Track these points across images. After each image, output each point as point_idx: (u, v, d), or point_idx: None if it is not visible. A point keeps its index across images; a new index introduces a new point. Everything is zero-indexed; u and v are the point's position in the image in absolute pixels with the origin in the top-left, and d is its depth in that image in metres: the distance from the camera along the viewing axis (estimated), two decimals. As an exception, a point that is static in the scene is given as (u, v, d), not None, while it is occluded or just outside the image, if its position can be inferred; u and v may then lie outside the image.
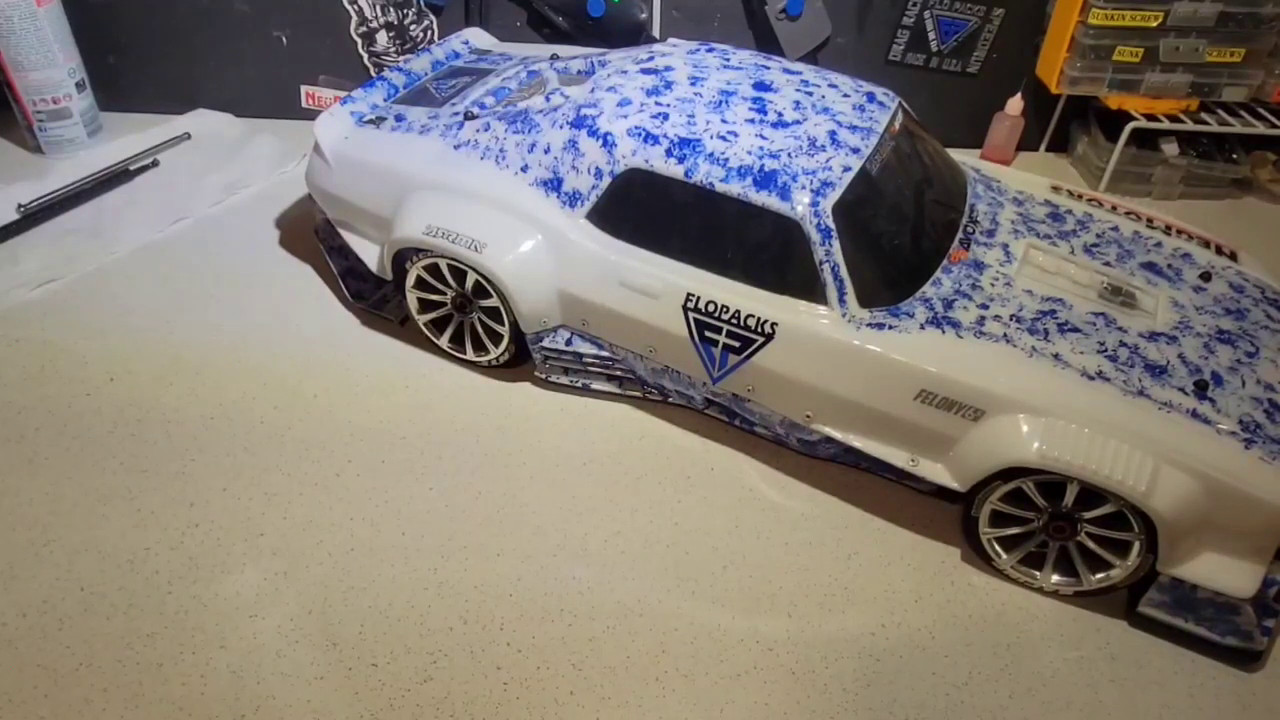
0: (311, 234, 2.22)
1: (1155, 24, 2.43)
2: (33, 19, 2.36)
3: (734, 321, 1.65)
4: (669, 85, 1.81)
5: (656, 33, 2.64)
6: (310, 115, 2.36)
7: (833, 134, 1.70)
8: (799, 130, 1.70)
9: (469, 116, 1.93)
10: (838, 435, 1.67)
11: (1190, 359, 1.59)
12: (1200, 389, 1.53)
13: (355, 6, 2.61)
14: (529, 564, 1.60)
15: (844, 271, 1.59)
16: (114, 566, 1.55)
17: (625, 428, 1.88)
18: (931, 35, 2.66)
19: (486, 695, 1.40)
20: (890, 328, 1.59)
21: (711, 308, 1.66)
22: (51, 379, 1.88)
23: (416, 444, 1.80)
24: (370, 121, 2.02)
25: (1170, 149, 2.65)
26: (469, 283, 1.85)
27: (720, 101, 1.76)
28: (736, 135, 1.67)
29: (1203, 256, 1.84)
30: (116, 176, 2.43)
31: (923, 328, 1.59)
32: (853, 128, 1.73)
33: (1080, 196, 1.98)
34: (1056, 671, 1.49)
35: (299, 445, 1.78)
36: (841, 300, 1.60)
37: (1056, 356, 1.55)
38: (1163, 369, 1.56)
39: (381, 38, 2.68)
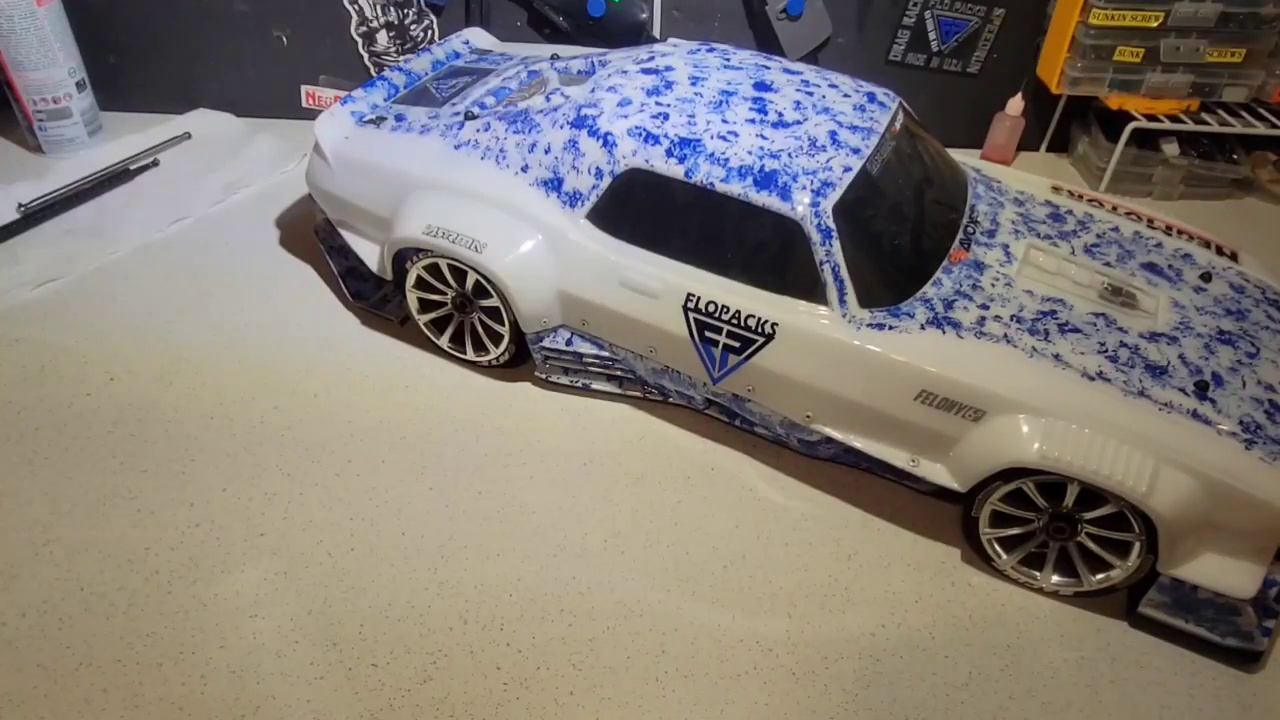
0: (311, 234, 2.22)
1: (1156, 24, 2.43)
2: (33, 19, 2.36)
3: (734, 322, 1.65)
4: (669, 85, 1.81)
5: (657, 33, 2.63)
6: (310, 115, 2.36)
7: (833, 134, 1.70)
8: (799, 130, 1.70)
9: (469, 116, 1.93)
10: (838, 435, 1.67)
11: (1191, 359, 1.59)
12: (1201, 389, 1.53)
13: (355, 6, 2.61)
14: (529, 564, 1.60)
15: (844, 272, 1.59)
16: (114, 566, 1.55)
17: (625, 428, 1.88)
18: (932, 35, 2.66)
19: (486, 695, 1.40)
20: (890, 328, 1.59)
21: (712, 308, 1.66)
22: (51, 379, 1.88)
23: (416, 444, 1.80)
24: (370, 121, 2.02)
25: (1171, 149, 2.65)
26: (469, 283, 1.84)
27: (721, 101, 1.76)
28: (737, 135, 1.67)
29: (1203, 257, 1.84)
30: (117, 176, 2.43)
31: (923, 328, 1.59)
32: (853, 128, 1.73)
33: (1081, 197, 1.98)
34: (1056, 672, 1.49)
35: (299, 445, 1.78)
36: (842, 300, 1.60)
37: (1057, 357, 1.55)
38: (1163, 369, 1.56)
39: (382, 37, 2.68)
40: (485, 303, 1.86)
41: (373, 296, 2.10)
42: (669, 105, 1.75)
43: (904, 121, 1.84)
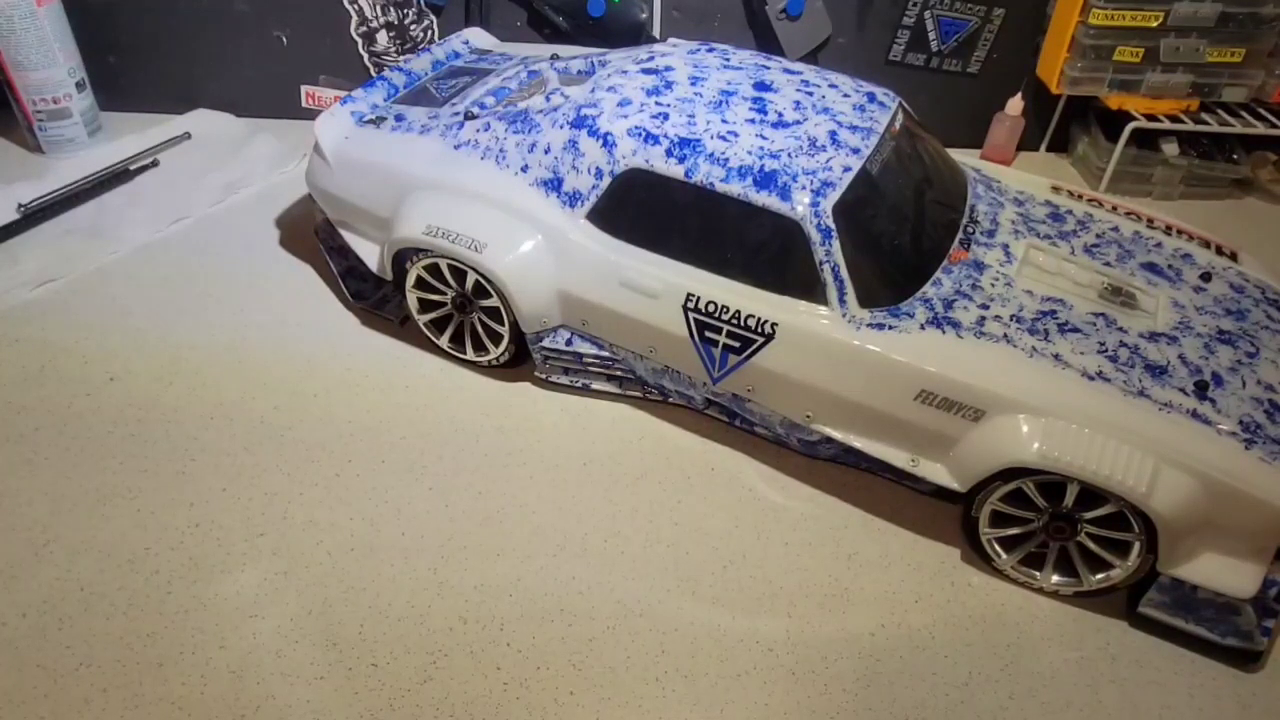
0: (311, 234, 2.22)
1: (1155, 24, 2.43)
2: (33, 19, 2.36)
3: (734, 321, 1.65)
4: (669, 85, 1.81)
5: (657, 33, 2.63)
6: (310, 115, 2.36)
7: (833, 134, 1.70)
8: (799, 130, 1.70)
9: (469, 116, 1.93)
10: (838, 435, 1.67)
11: (1190, 359, 1.59)
12: (1200, 389, 1.53)
13: (355, 6, 2.61)
14: (529, 564, 1.60)
15: (844, 272, 1.59)
16: (114, 566, 1.55)
17: (625, 428, 1.88)
18: (932, 35, 2.66)
19: (486, 695, 1.40)
20: (890, 328, 1.59)
21: (711, 308, 1.66)
22: (51, 379, 1.88)
23: (416, 444, 1.80)
24: (370, 121, 2.02)
25: (1170, 149, 2.65)
26: (469, 283, 1.85)
27: (720, 101, 1.76)
28: (737, 135, 1.67)
29: (1203, 257, 1.84)
30: (116, 176, 2.43)
31: (923, 328, 1.59)
32: (853, 128, 1.73)
33: (1080, 197, 1.98)
34: (1056, 672, 1.49)
35: (299, 445, 1.78)
36: (842, 300, 1.60)
37: (1057, 357, 1.55)
38: (1163, 369, 1.56)
39: (381, 37, 2.68)
40: (485, 303, 1.86)
41: (373, 296, 2.10)
42: (669, 105, 1.75)
43: (904, 121, 1.84)
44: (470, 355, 1.97)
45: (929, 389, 1.55)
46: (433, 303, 1.95)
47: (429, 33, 2.68)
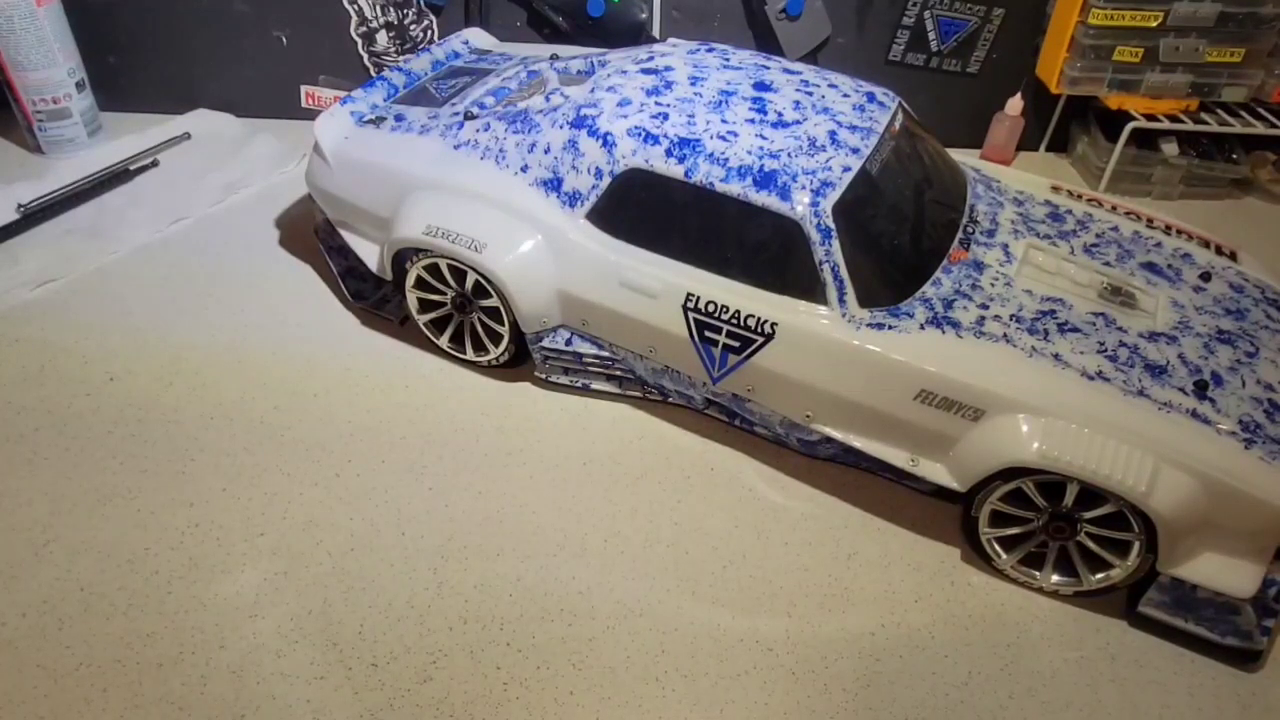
0: (311, 234, 2.22)
1: (1155, 24, 2.44)
2: (33, 19, 2.36)
3: (734, 321, 1.65)
4: (669, 85, 1.81)
5: (656, 33, 2.64)
6: (310, 115, 2.36)
7: (833, 134, 1.70)
8: (799, 130, 1.70)
9: (469, 116, 1.93)
10: (838, 435, 1.67)
11: (1190, 359, 1.59)
12: (1200, 389, 1.53)
13: (355, 6, 2.62)
14: (529, 564, 1.60)
15: (844, 271, 1.59)
16: (114, 566, 1.55)
17: (625, 428, 1.88)
18: (931, 35, 2.66)
19: (486, 695, 1.40)
20: (890, 328, 1.59)
21: (711, 308, 1.66)
22: (51, 379, 1.89)
23: (416, 444, 1.80)
24: (370, 121, 2.02)
25: (1170, 149, 2.65)
26: (469, 283, 1.85)
27: (720, 101, 1.76)
28: (736, 135, 1.67)
29: (1202, 256, 1.84)
30: (116, 176, 2.43)
31: (923, 328, 1.59)
32: (853, 128, 1.73)
33: (1080, 196, 1.98)
34: (1056, 671, 1.49)
35: (299, 445, 1.78)
36: (841, 300, 1.60)
37: (1056, 356, 1.55)
38: (1163, 369, 1.56)
39: (381, 38, 2.68)
40: (485, 303, 1.86)
41: (373, 296, 2.10)
42: (668, 105, 1.75)
43: (903, 121, 1.84)
44: (470, 355, 1.98)
45: (929, 389, 1.55)
46: (433, 303, 1.95)
47: (429, 33, 2.68)
